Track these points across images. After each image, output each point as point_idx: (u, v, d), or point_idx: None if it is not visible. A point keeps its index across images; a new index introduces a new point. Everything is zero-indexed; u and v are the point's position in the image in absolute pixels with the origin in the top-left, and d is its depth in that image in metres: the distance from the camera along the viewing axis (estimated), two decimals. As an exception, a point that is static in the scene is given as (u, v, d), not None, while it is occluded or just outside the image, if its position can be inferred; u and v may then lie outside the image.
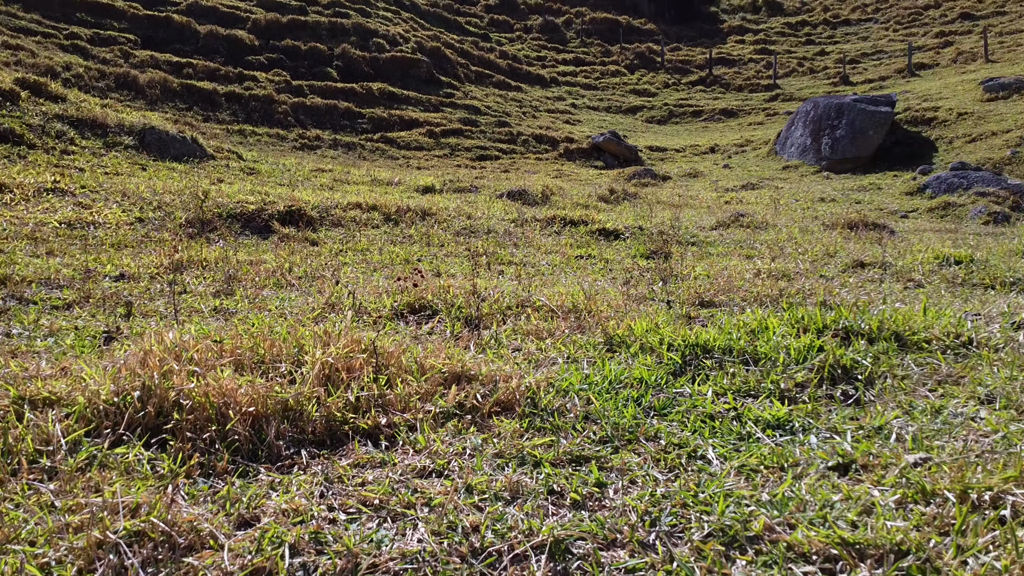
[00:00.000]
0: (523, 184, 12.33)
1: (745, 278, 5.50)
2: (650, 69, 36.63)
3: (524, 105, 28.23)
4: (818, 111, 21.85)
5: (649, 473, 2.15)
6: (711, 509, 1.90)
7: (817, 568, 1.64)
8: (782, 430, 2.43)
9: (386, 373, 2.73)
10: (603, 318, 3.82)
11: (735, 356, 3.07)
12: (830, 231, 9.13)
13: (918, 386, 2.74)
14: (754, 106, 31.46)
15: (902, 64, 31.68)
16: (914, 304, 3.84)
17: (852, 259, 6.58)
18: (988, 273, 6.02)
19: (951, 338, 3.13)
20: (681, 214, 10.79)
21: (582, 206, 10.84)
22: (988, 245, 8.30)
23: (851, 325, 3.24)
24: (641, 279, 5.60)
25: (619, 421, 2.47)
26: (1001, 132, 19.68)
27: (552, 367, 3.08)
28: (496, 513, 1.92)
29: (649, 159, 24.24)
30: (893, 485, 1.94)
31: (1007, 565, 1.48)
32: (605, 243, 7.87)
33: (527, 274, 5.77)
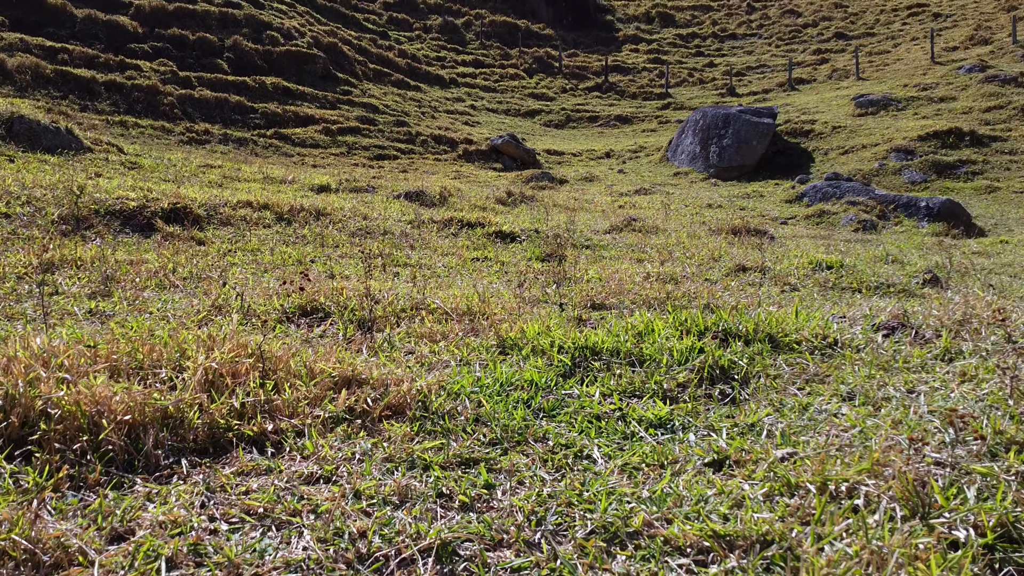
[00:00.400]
0: (421, 185, 12.28)
1: (635, 281, 5.69)
2: (548, 74, 37.17)
3: (423, 105, 28.08)
4: (706, 120, 22.79)
5: (537, 474, 2.19)
6: (595, 507, 1.97)
7: (691, 560, 1.73)
8: (664, 429, 2.54)
9: (274, 378, 2.67)
10: (497, 321, 3.86)
11: (622, 358, 3.17)
12: (716, 236, 9.54)
13: (788, 385, 2.92)
14: (648, 113, 32.47)
15: (783, 78, 33.46)
16: (788, 307, 4.08)
17: (735, 263, 6.91)
18: (855, 278, 6.46)
19: (819, 339, 3.35)
20: (576, 217, 11.02)
21: (480, 208, 10.90)
22: (856, 251, 8.90)
23: (730, 327, 3.42)
24: (535, 282, 5.69)
25: (509, 423, 2.51)
26: (870, 145, 21.11)
27: (445, 370, 3.09)
28: (384, 518, 1.92)
29: (547, 162, 24.58)
30: (762, 479, 2.07)
31: (857, 550, 1.60)
32: (502, 245, 7.95)
33: (423, 276, 5.76)
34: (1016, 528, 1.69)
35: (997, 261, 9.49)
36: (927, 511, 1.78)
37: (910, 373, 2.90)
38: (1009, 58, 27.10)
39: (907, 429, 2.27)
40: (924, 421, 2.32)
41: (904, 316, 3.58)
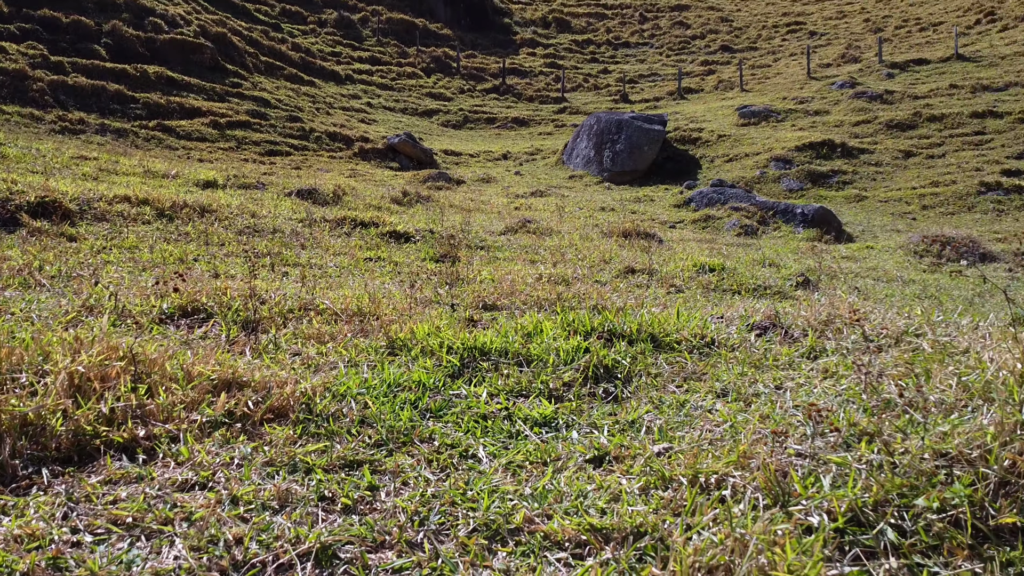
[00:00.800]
0: (314, 182, 12.00)
1: (527, 282, 5.77)
2: (446, 74, 37.11)
3: (318, 101, 27.45)
4: (600, 126, 23.35)
5: (421, 474, 2.20)
6: (478, 505, 1.99)
7: (568, 554, 1.78)
8: (548, 427, 2.59)
9: (148, 382, 2.55)
10: (387, 321, 3.83)
11: (510, 358, 3.22)
12: (608, 239, 9.80)
13: (668, 383, 3.04)
14: (544, 117, 32.93)
15: (673, 87, 34.71)
16: (671, 308, 4.24)
17: (625, 266, 7.12)
18: (736, 280, 6.79)
19: (698, 339, 3.51)
20: (472, 218, 11.06)
21: (374, 207, 10.76)
22: (738, 255, 9.35)
23: (615, 328, 3.52)
24: (428, 282, 5.67)
25: (395, 424, 2.50)
26: (753, 154, 22.21)
27: (332, 372, 3.04)
28: (263, 523, 1.87)
29: (444, 163, 24.53)
30: (639, 473, 2.15)
31: (722, 538, 1.69)
32: (396, 246, 7.88)
33: (313, 276, 5.64)
34: (864, 513, 1.82)
35: (863, 265, 10.19)
36: (787, 499, 1.89)
37: (779, 370, 3.07)
38: (876, 76, 29.12)
39: (773, 423, 2.41)
40: (788, 415, 2.47)
41: (776, 317, 3.80)
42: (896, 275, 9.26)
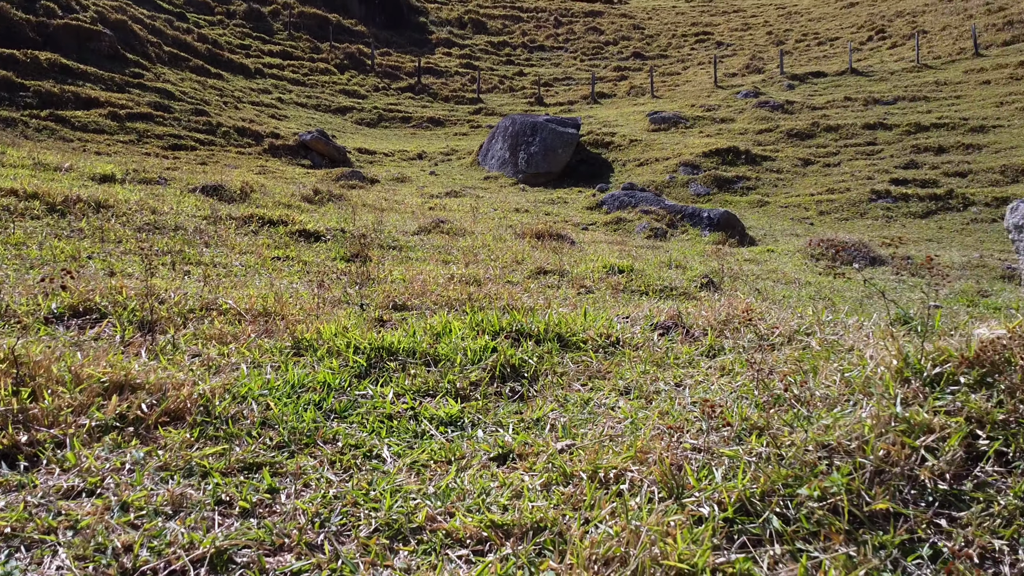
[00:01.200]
0: (221, 179, 11.62)
1: (439, 283, 5.76)
2: (360, 71, 36.60)
3: (226, 94, 26.59)
4: (516, 127, 23.52)
5: (324, 475, 2.17)
6: (380, 505, 1.98)
7: (469, 551, 1.79)
8: (454, 426, 2.60)
9: (32, 385, 2.43)
10: (293, 321, 3.76)
11: (418, 358, 3.21)
12: (521, 240, 9.88)
13: (573, 381, 3.10)
14: (460, 117, 32.91)
15: (587, 91, 35.30)
16: (578, 308, 4.32)
17: (537, 266, 7.20)
18: (643, 281, 6.96)
19: (603, 338, 3.59)
20: (385, 218, 10.96)
21: (284, 205, 10.51)
22: (647, 257, 9.60)
23: (523, 327, 3.57)
24: (338, 282, 5.59)
25: (298, 425, 2.46)
26: (663, 159, 22.83)
27: (233, 373, 2.96)
28: (154, 529, 1.81)
29: (358, 161, 24.18)
30: (542, 470, 2.19)
31: (618, 530, 1.75)
32: (305, 245, 7.72)
33: (216, 275, 5.47)
34: (752, 503, 1.92)
35: (764, 267, 10.64)
36: (681, 492, 1.97)
37: (679, 368, 3.18)
38: (778, 87, 30.42)
39: (671, 419, 2.49)
40: (686, 411, 2.56)
41: (678, 317, 3.92)
42: (794, 277, 9.71)
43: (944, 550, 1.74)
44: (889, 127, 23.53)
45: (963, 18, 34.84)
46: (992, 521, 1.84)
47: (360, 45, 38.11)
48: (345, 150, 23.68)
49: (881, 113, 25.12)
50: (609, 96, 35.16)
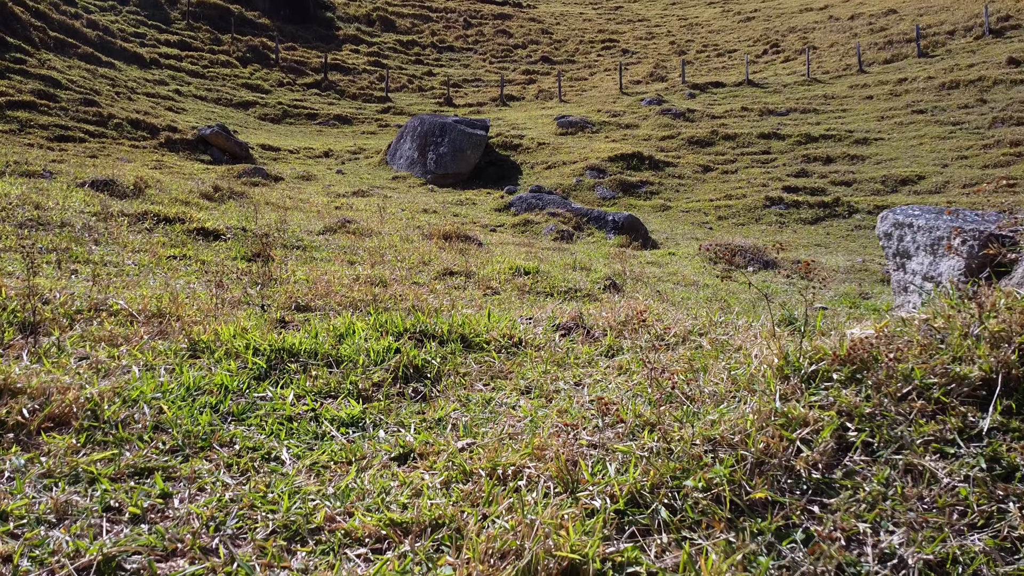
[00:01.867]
0: (112, 173, 11.08)
1: (344, 283, 5.70)
2: (264, 65, 35.61)
3: (118, 84, 25.35)
4: (424, 127, 23.43)
5: (220, 479, 2.13)
6: (278, 507, 1.97)
7: (368, 549, 1.81)
8: (356, 427, 2.60)
9: (-102, 390, 2.28)
10: (189, 323, 3.65)
11: (320, 359, 3.19)
12: (428, 241, 9.87)
13: (476, 381, 3.15)
14: (368, 115, 32.50)
15: (496, 93, 35.51)
16: (484, 309, 4.38)
17: (444, 267, 7.22)
18: (549, 283, 7.09)
19: (506, 339, 3.65)
20: (289, 217, 10.72)
21: (182, 202, 10.13)
22: (553, 259, 9.76)
23: (427, 328, 3.59)
24: (238, 282, 5.45)
25: (192, 429, 2.40)
26: (570, 163, 23.24)
27: (124, 376, 2.86)
28: (36, 538, 1.74)
29: (261, 158, 23.53)
30: (442, 469, 2.22)
31: (514, 525, 1.80)
32: (204, 243, 7.48)
33: (107, 274, 5.23)
34: (642, 495, 2.01)
35: (666, 270, 11.00)
36: (576, 486, 2.04)
37: (579, 368, 3.28)
38: (679, 95, 31.47)
39: (569, 417, 2.57)
40: (583, 409, 2.65)
41: (580, 318, 4.03)
42: (693, 280, 10.09)
43: (815, 534, 1.87)
44: (782, 137, 24.72)
45: (849, 36, 37.00)
46: (858, 506, 2.00)
47: (264, 38, 37.08)
48: (248, 146, 22.99)
49: (775, 123, 26.37)
50: (518, 99, 35.48)
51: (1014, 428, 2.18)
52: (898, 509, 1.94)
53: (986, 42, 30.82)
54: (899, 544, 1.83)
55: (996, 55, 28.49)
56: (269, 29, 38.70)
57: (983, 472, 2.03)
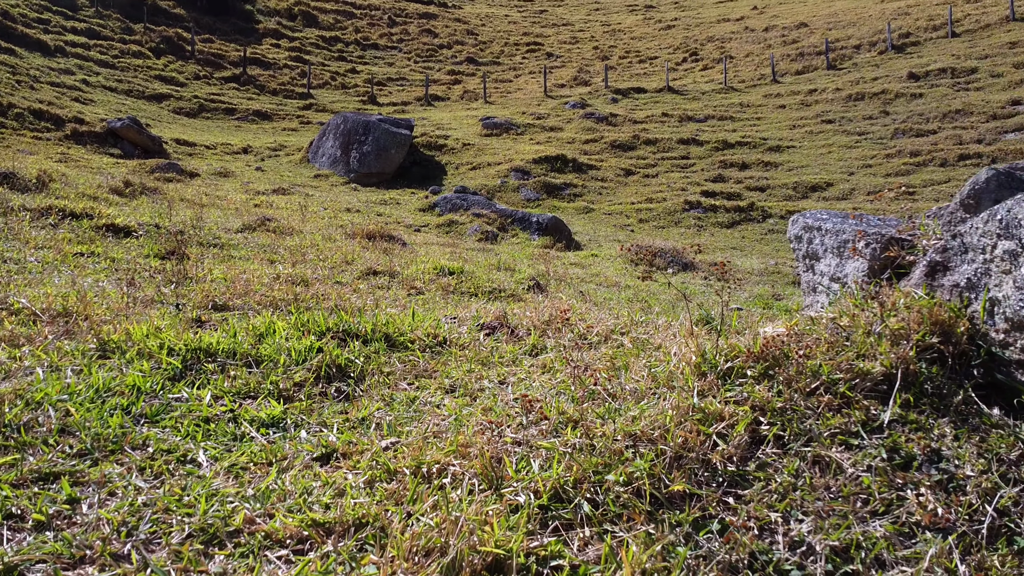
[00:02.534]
0: (13, 165, 10.49)
1: (264, 282, 5.56)
2: (179, 57, 34.41)
3: (19, 72, 24.05)
4: (348, 125, 23.08)
5: (132, 482, 2.06)
6: (195, 510, 1.91)
7: (289, 551, 1.78)
8: (276, 428, 2.55)
9: None
10: (98, 322, 3.50)
11: (239, 359, 3.11)
12: (351, 240, 9.73)
13: (400, 380, 3.13)
14: (289, 112, 31.80)
15: (421, 93, 35.31)
16: (408, 309, 4.35)
17: (367, 267, 7.13)
18: (473, 283, 7.10)
19: (431, 338, 3.64)
20: (206, 214, 10.40)
21: (90, 197, 9.68)
22: (477, 259, 9.78)
23: (350, 328, 3.54)
24: (151, 281, 5.25)
25: (102, 432, 2.31)
26: (495, 164, 23.32)
27: (27, 378, 2.72)
28: (-71, 550, 1.64)
29: (176, 153, 22.74)
30: (366, 468, 2.20)
31: (438, 522, 1.80)
32: (114, 240, 7.17)
33: (7, 272, 4.96)
34: (565, 490, 2.04)
35: (589, 271, 11.17)
36: (500, 483, 2.06)
37: (503, 366, 3.30)
38: (603, 100, 32.00)
39: (494, 415, 2.59)
40: (508, 407, 2.67)
41: (504, 317, 4.06)
42: (615, 281, 10.28)
43: (730, 524, 1.94)
44: (701, 143, 25.45)
45: (763, 47, 38.40)
46: (770, 497, 2.08)
47: (179, 29, 35.82)
48: (161, 140, 22.17)
49: (694, 129, 27.12)
50: (443, 99, 35.37)
51: (912, 420, 2.31)
52: (807, 499, 2.03)
53: (889, 57, 32.50)
54: (808, 532, 1.92)
55: (898, 69, 30.08)
56: (184, 20, 37.42)
57: (884, 462, 2.15)
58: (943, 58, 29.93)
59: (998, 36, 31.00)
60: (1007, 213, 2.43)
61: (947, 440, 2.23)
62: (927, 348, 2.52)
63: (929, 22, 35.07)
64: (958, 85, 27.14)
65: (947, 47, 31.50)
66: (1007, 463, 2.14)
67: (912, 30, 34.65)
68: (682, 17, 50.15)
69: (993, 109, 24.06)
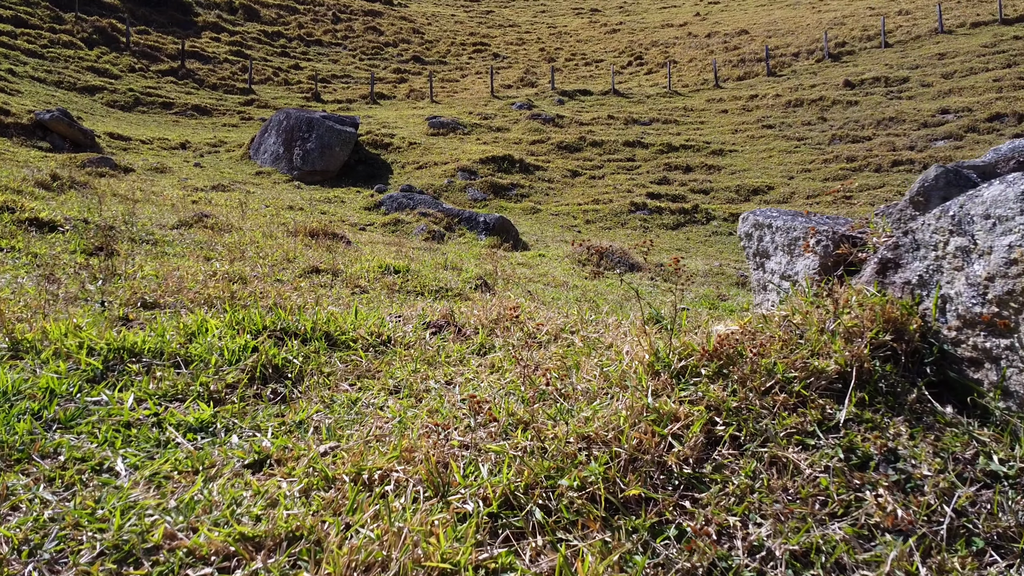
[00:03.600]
0: (-72, 156, 9.89)
1: (198, 280, 5.31)
2: (113, 49, 33.23)
3: (-60, 60, 22.86)
4: (291, 122, 22.57)
5: (38, 495, 1.86)
6: (108, 525, 1.74)
7: (214, 568, 1.62)
8: (205, 433, 2.37)
9: None
10: (11, 320, 3.25)
11: (166, 359, 2.90)
12: (294, 238, 9.45)
13: (341, 381, 2.97)
14: (229, 107, 31.00)
15: (366, 91, 34.82)
16: (350, 307, 4.18)
17: (310, 265, 6.91)
18: (419, 282, 6.94)
19: (374, 337, 3.49)
20: (139, 210, 9.98)
21: (12, 191, 9.19)
22: (424, 258, 9.61)
23: (288, 326, 3.36)
24: (76, 277, 4.96)
25: (7, 439, 2.10)
26: (441, 163, 23.10)
27: (-74, 380, 2.48)
28: None
29: (110, 147, 21.92)
30: (302, 475, 2.05)
31: (380, 534, 1.67)
32: (37, 235, 6.78)
33: (-85, 267, 4.61)
34: (516, 496, 1.93)
35: (536, 271, 11.10)
36: (447, 489, 1.93)
37: (450, 366, 3.17)
38: (549, 101, 32.06)
39: (440, 417, 2.46)
40: (455, 409, 2.54)
41: (451, 315, 3.93)
42: (563, 280, 10.23)
43: (688, 529, 1.86)
44: (646, 145, 25.69)
45: (706, 52, 39.04)
46: (727, 500, 2.01)
47: (113, 20, 34.58)
48: (93, 134, 21.32)
49: (639, 132, 27.37)
50: (389, 97, 34.96)
51: (867, 419, 2.27)
52: (764, 501, 1.96)
53: (826, 65, 33.38)
54: (767, 536, 1.85)
55: (834, 77, 30.91)
56: (119, 10, 36.16)
57: (841, 462, 2.09)
58: (877, 67, 30.89)
59: (927, 47, 32.15)
60: (959, 209, 2.41)
61: (903, 439, 2.19)
62: (880, 346, 2.49)
63: (863, 32, 36.17)
64: (891, 94, 28.02)
65: (880, 56, 32.53)
66: (962, 462, 2.11)
67: (847, 39, 35.67)
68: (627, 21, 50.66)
69: (924, 117, 24.90)
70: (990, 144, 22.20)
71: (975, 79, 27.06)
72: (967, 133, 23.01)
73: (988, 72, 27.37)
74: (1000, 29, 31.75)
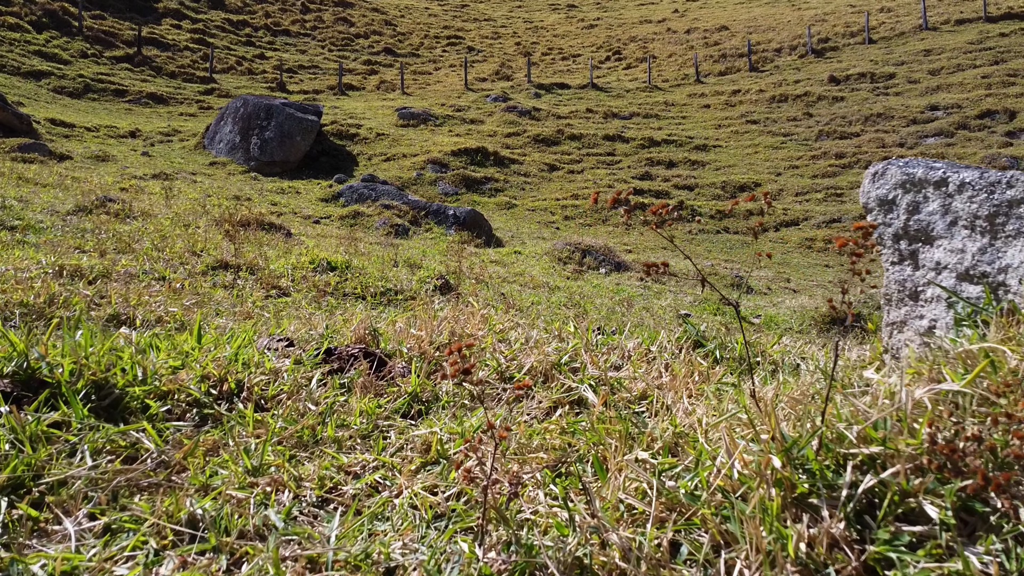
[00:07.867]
0: None
1: (19, 277, 3.75)
2: (65, 33, 31.25)
3: None
4: (248, 109, 20.89)
5: None
6: None
7: None
8: None
9: None
10: None
11: None
12: (217, 227, 7.88)
13: (75, 506, 1.44)
14: (188, 96, 29.18)
15: (335, 82, 33.13)
16: (195, 324, 2.65)
17: (218, 259, 5.37)
18: (361, 281, 5.44)
19: (212, 386, 1.96)
20: (42, 194, 8.37)
21: None
22: (377, 254, 8.08)
23: (35, 368, 1.83)
24: None
25: None
26: (411, 155, 21.53)
27: None
28: None
29: (50, 134, 20.13)
30: None
31: None
32: None
33: None
34: None
35: (511, 270, 9.63)
36: None
37: (341, 453, 1.67)
38: (525, 94, 30.61)
39: None
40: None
41: (372, 336, 2.43)
42: (543, 281, 8.78)
43: None
44: (626, 140, 24.34)
45: (686, 48, 37.85)
46: None
47: (64, 3, 32.55)
48: (31, 119, 19.49)
49: (619, 126, 26.02)
50: (358, 89, 33.31)
51: None
52: None
53: (809, 60, 32.31)
54: None
55: (818, 73, 29.82)
56: (71, -8, 34.10)
57: None
58: (862, 63, 29.86)
59: (912, 44, 31.20)
60: None
61: None
62: None
63: (846, 28, 35.19)
64: (877, 89, 26.98)
65: (865, 53, 31.52)
66: None
67: (831, 35, 34.68)
68: (604, 17, 49.40)
69: (913, 114, 23.85)
70: (981, 141, 21.17)
71: (963, 75, 26.09)
72: (958, 130, 21.95)
73: (976, 68, 26.42)
74: (985, 26, 30.88)
